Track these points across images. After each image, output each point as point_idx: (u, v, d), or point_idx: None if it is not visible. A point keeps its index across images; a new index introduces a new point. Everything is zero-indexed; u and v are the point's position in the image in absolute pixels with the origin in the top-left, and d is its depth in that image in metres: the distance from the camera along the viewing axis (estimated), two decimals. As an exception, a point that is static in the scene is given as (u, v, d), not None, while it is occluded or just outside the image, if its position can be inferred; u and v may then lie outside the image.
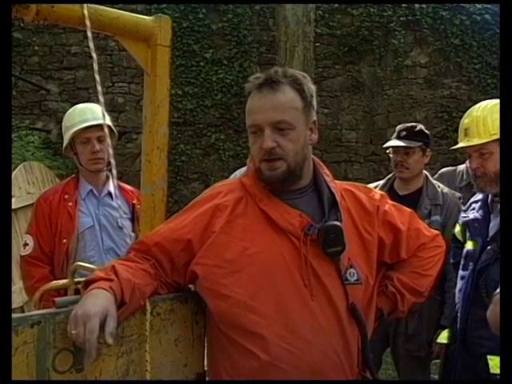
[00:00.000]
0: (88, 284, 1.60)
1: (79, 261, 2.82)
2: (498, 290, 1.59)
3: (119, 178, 2.75)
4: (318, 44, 8.26)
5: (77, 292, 1.95)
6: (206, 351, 1.86)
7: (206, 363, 1.85)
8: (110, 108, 8.38)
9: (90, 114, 2.93)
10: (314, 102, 1.80)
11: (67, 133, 2.97)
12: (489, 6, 8.50)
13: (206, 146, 8.76)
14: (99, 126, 2.83)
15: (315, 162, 1.87)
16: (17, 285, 3.91)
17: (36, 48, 8.85)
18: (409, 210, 2.03)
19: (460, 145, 2.61)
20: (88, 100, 8.26)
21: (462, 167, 3.77)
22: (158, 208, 2.12)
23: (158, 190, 2.08)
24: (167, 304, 1.71)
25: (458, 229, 2.79)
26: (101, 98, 2.03)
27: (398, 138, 3.40)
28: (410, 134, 3.38)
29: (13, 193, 4.42)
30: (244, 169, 3.04)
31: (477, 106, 2.63)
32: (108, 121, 2.94)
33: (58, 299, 1.54)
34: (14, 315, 1.44)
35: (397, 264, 1.95)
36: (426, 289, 1.97)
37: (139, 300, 1.62)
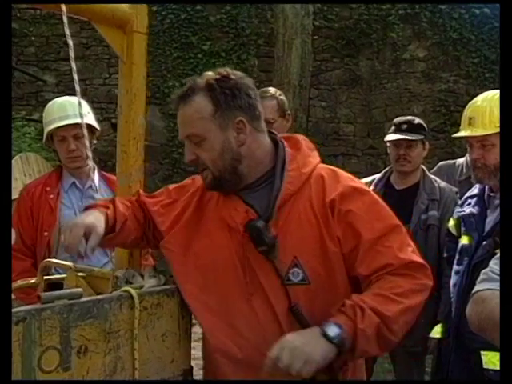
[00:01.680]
0: (86, 209, 1.83)
1: (63, 253, 2.82)
2: (477, 289, 1.54)
3: (112, 170, 2.73)
4: (316, 37, 8.23)
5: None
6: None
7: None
8: (107, 100, 8.34)
9: (71, 109, 2.87)
10: (240, 101, 1.72)
11: (45, 128, 2.96)
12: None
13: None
14: (76, 124, 2.76)
15: (289, 146, 1.81)
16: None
17: (33, 38, 8.82)
18: (395, 222, 1.76)
19: (463, 133, 2.57)
20: (85, 91, 8.23)
21: (461, 161, 3.73)
22: None
23: (135, 182, 2.02)
24: (154, 298, 1.69)
25: (452, 223, 2.77)
26: (77, 87, 1.98)
27: (399, 131, 3.36)
28: (412, 127, 3.36)
29: (9, 184, 4.40)
30: None
31: (482, 95, 2.59)
32: (89, 116, 2.89)
33: (43, 294, 1.50)
34: None
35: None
36: (394, 316, 1.60)
37: (126, 236, 1.82)
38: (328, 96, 8.77)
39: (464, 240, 2.59)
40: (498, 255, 1.56)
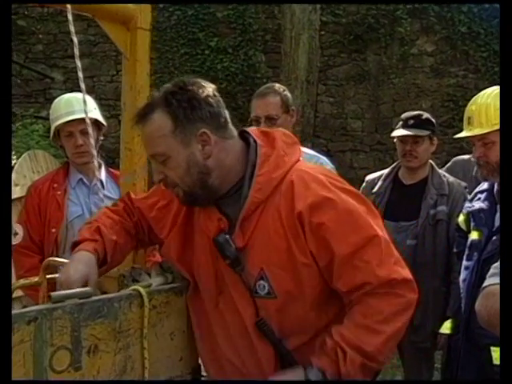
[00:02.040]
0: (75, 245, 1.74)
1: (70, 249, 2.83)
2: (487, 283, 1.54)
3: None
4: (323, 32, 8.20)
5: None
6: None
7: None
8: (115, 97, 8.34)
9: (78, 104, 2.86)
10: (200, 112, 1.62)
11: (52, 124, 2.96)
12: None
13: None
14: (83, 119, 2.78)
15: (262, 146, 1.69)
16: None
17: (40, 36, 8.84)
18: (373, 233, 1.61)
19: (462, 134, 2.59)
20: (93, 88, 8.24)
21: None
22: None
23: (139, 180, 2.03)
24: (163, 296, 1.69)
25: (461, 218, 2.76)
26: (82, 85, 1.98)
27: (406, 126, 3.34)
28: (418, 123, 3.33)
29: (17, 181, 4.41)
30: None
31: (482, 92, 2.60)
32: (95, 112, 2.90)
33: (53, 294, 1.48)
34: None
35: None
36: (377, 349, 1.55)
37: (120, 258, 1.80)
38: (336, 91, 8.74)
39: (474, 235, 2.58)
40: None
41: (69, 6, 1.74)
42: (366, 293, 1.57)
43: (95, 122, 2.88)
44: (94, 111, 2.90)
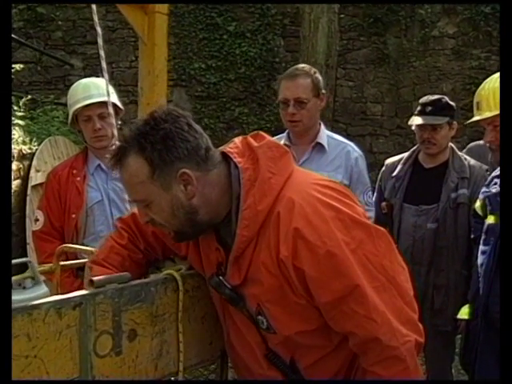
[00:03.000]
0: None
1: (91, 235, 2.86)
2: None
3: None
4: (342, 15, 8.12)
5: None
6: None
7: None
8: (134, 82, 8.34)
9: (95, 89, 2.88)
10: (177, 151, 1.50)
11: (70, 110, 2.97)
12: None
13: (230, 120, 8.73)
14: (101, 103, 2.80)
15: (238, 181, 1.56)
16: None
17: (60, 23, 8.87)
18: (355, 282, 1.47)
19: (473, 119, 2.55)
20: (112, 74, 8.27)
21: None
22: None
23: None
24: (194, 281, 1.69)
25: (478, 204, 2.74)
26: (105, 75, 1.97)
27: (423, 113, 3.29)
28: (436, 109, 3.29)
29: (38, 167, 4.46)
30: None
31: (490, 77, 2.56)
32: (113, 96, 2.86)
33: (95, 279, 1.48)
34: (55, 297, 1.40)
35: None
36: None
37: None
38: (355, 75, 8.67)
39: (490, 220, 2.56)
40: None
41: None
42: (362, 351, 1.51)
43: (113, 106, 2.90)
44: (112, 95, 2.91)
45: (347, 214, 1.53)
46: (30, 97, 5.63)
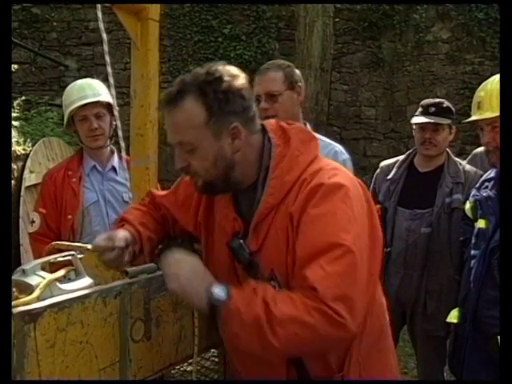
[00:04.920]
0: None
1: (88, 235, 2.86)
2: None
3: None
4: (337, 19, 8.15)
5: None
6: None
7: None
8: (129, 84, 8.34)
9: (89, 90, 2.93)
10: (234, 105, 1.58)
11: (65, 111, 2.99)
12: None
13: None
14: (96, 103, 2.86)
15: (277, 145, 1.66)
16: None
17: (54, 24, 8.87)
18: (339, 241, 1.47)
19: (472, 118, 2.56)
20: (106, 76, 8.24)
21: None
22: (152, 181, 2.16)
23: (151, 164, 2.11)
24: None
25: (468, 206, 2.74)
26: (110, 80, 2.03)
27: (427, 113, 3.32)
28: (439, 110, 3.32)
29: (32, 168, 4.46)
30: None
31: (492, 78, 2.57)
32: (107, 96, 2.92)
33: (130, 269, 1.59)
34: (100, 286, 1.50)
35: None
36: (283, 319, 1.40)
37: (150, 249, 1.82)
38: (350, 79, 8.70)
39: (481, 224, 2.56)
40: None
41: (99, 5, 1.80)
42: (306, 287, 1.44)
43: (108, 106, 2.92)
44: (106, 95, 2.93)
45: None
46: (24, 97, 5.63)
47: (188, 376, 1.85)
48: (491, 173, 2.65)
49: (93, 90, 2.91)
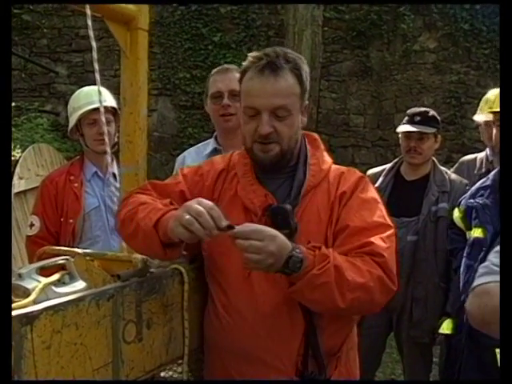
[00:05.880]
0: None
1: (88, 240, 2.90)
2: (477, 283, 1.52)
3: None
4: (326, 28, 8.23)
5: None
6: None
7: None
8: (119, 91, 8.35)
9: (96, 96, 2.96)
10: (308, 85, 1.79)
11: (74, 114, 3.01)
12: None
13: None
14: (105, 109, 2.88)
15: (308, 143, 1.87)
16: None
17: (45, 30, 8.88)
18: (387, 222, 1.75)
19: (481, 116, 2.48)
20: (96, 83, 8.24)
21: (481, 155, 3.67)
22: None
23: (141, 170, 2.14)
24: (193, 273, 1.85)
25: (457, 214, 2.70)
26: (99, 86, 2.07)
27: (412, 122, 3.34)
28: (425, 119, 3.34)
29: (21, 175, 4.47)
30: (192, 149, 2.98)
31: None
32: (114, 104, 2.98)
33: (122, 273, 1.62)
34: (94, 290, 1.53)
35: None
36: (354, 283, 1.59)
37: None
38: (338, 87, 8.77)
39: (477, 233, 2.52)
40: (497, 248, 1.54)
41: (88, 11, 1.83)
42: (363, 252, 1.64)
43: (115, 112, 2.96)
44: (113, 102, 2.98)
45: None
46: (14, 104, 5.63)
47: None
48: (486, 181, 2.62)
49: (99, 96, 2.95)
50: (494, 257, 1.53)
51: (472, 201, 2.63)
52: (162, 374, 1.86)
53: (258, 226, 1.56)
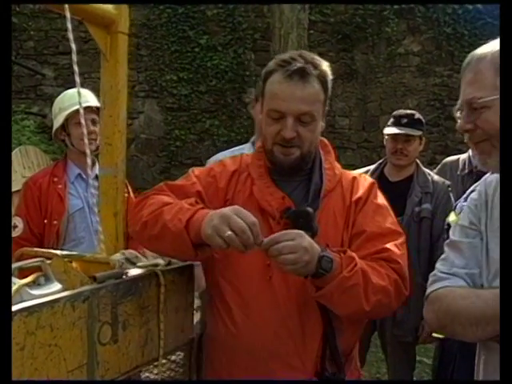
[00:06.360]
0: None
1: (71, 241, 2.91)
2: (430, 290, 1.58)
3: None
4: (311, 31, 8.28)
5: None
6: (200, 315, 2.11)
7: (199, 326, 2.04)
8: (105, 93, 8.36)
9: (82, 97, 2.97)
10: (329, 96, 1.82)
11: (60, 114, 3.02)
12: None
13: (201, 132, 8.79)
14: (91, 109, 2.91)
15: (322, 147, 1.90)
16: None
17: (32, 33, 8.85)
18: (399, 230, 1.83)
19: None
20: (82, 85, 8.23)
21: (464, 156, 3.70)
22: (120, 189, 2.17)
23: (120, 173, 2.13)
24: (170, 275, 1.83)
25: (454, 218, 2.74)
26: (79, 88, 2.07)
27: (399, 125, 3.38)
28: (411, 122, 3.38)
29: (8, 177, 4.46)
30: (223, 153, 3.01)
31: None
32: (99, 104, 3.00)
33: (98, 275, 1.61)
34: (69, 291, 1.52)
35: None
36: (378, 286, 1.65)
37: None
38: (324, 90, 8.80)
39: None
40: (443, 256, 1.61)
41: (68, 14, 1.83)
42: (380, 257, 1.70)
43: (99, 114, 2.98)
44: (97, 102, 3.00)
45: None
46: None
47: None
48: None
49: (85, 98, 2.96)
50: (440, 264, 1.61)
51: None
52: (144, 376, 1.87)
53: (283, 231, 1.57)
